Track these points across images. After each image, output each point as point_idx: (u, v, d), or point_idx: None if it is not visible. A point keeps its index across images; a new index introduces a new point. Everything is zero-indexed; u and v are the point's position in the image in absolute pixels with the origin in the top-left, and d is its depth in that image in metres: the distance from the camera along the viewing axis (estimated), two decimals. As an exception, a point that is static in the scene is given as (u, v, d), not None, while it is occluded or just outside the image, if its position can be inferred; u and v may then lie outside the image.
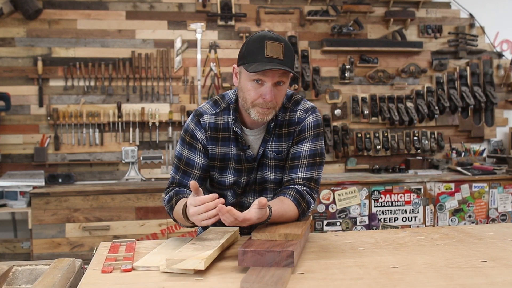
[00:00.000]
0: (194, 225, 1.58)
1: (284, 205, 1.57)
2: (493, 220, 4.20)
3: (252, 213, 1.41)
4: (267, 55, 1.50)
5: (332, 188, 3.98)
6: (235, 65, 1.65)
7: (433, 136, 4.73)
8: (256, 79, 1.54)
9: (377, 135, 4.65)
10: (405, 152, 4.71)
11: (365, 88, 4.73)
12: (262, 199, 1.40)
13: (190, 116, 1.73)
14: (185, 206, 1.51)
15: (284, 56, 1.52)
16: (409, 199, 4.08)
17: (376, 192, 4.04)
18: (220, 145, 1.70)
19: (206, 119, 1.69)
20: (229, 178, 1.73)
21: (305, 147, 1.69)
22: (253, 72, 1.51)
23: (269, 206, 1.50)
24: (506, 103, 4.92)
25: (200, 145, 1.70)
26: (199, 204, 1.40)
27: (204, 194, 1.84)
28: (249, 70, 1.51)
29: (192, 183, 1.41)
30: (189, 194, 1.60)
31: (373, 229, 3.96)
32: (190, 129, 1.70)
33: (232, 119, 1.68)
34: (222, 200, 1.40)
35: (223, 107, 1.70)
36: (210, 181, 1.80)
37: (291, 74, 1.57)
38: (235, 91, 1.72)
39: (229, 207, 1.38)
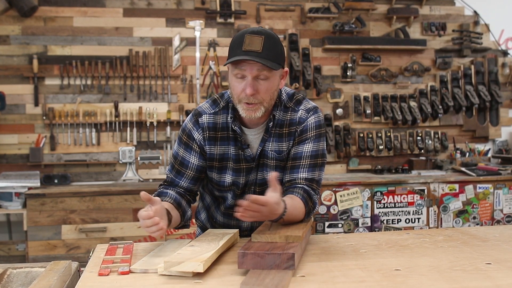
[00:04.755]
0: (178, 227, 1.65)
1: (294, 202, 1.56)
2: (498, 222, 4.15)
3: (269, 196, 1.41)
4: (244, 49, 1.49)
5: (334, 189, 3.93)
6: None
7: (436, 136, 4.67)
8: (237, 74, 1.54)
9: (379, 135, 4.59)
10: (408, 152, 4.65)
11: (368, 87, 4.66)
12: (274, 173, 1.44)
13: (189, 116, 1.73)
14: None
15: (264, 48, 1.49)
16: (412, 200, 4.04)
17: (378, 193, 3.99)
18: (219, 145, 1.68)
19: (204, 118, 1.67)
20: (228, 178, 1.71)
21: (307, 147, 1.67)
22: (227, 65, 1.53)
23: (284, 200, 1.50)
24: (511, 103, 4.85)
25: (196, 145, 1.68)
26: (141, 219, 1.40)
27: (205, 196, 1.86)
28: (225, 64, 1.54)
29: (142, 194, 1.38)
30: (171, 197, 1.62)
31: (375, 231, 3.93)
32: (187, 129, 1.69)
33: (231, 118, 1.66)
34: (157, 219, 1.38)
35: (222, 106, 1.69)
36: (210, 182, 1.78)
37: (280, 67, 1.56)
38: None
39: (252, 197, 1.37)
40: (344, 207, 3.95)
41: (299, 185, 1.64)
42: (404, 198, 4.03)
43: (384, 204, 4.00)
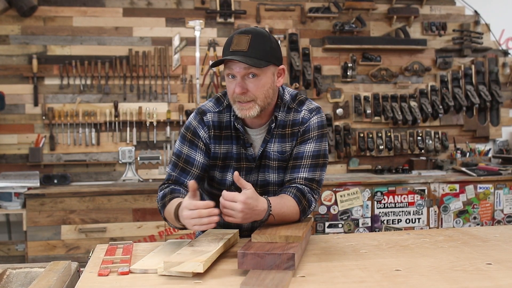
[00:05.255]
0: (183, 227, 1.56)
1: (283, 199, 1.56)
2: (499, 222, 4.14)
3: (239, 193, 1.41)
4: (231, 49, 1.52)
5: (334, 189, 3.92)
6: None
7: (437, 136, 4.66)
8: (228, 74, 1.56)
9: (380, 135, 4.58)
10: (408, 152, 4.64)
11: (368, 87, 4.65)
12: (236, 173, 1.44)
13: (192, 114, 1.72)
14: (177, 207, 1.47)
15: (250, 47, 1.50)
16: (412, 201, 4.03)
17: (379, 193, 3.97)
18: (223, 144, 1.68)
19: (209, 117, 1.67)
20: (230, 177, 1.71)
21: (309, 147, 1.66)
22: (212, 67, 1.59)
23: (267, 198, 1.50)
24: (512, 102, 4.85)
25: (202, 143, 1.67)
26: (193, 209, 1.37)
27: (204, 197, 1.84)
28: (211, 66, 1.60)
29: (191, 183, 1.39)
30: (185, 194, 1.57)
31: (375, 231, 3.92)
32: (192, 127, 1.68)
33: (233, 116, 1.66)
34: (217, 211, 1.38)
35: (225, 104, 1.69)
36: (210, 181, 1.77)
37: (271, 64, 1.56)
38: None
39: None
40: (344, 207, 3.94)
41: (293, 185, 1.64)
42: (404, 198, 4.02)
43: (384, 204, 3.99)
